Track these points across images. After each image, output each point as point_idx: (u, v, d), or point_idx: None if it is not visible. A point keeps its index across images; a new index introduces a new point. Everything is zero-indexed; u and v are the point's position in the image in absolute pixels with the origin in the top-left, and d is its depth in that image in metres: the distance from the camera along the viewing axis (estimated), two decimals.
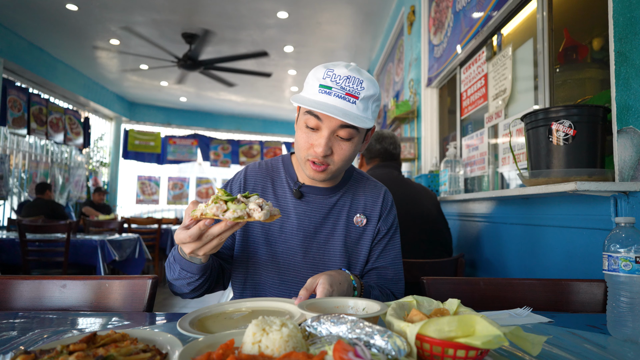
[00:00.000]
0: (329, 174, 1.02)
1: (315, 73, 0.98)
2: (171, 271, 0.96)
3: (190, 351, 0.52)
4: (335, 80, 0.94)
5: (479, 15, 2.55)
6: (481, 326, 0.52)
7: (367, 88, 0.95)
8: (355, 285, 0.96)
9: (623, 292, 0.75)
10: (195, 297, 1.04)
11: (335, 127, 0.96)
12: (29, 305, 1.03)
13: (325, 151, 0.96)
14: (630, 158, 1.23)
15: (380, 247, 1.14)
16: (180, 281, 0.96)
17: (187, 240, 0.79)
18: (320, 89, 0.95)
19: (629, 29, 1.24)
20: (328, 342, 0.52)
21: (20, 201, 6.16)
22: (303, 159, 1.01)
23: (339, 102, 0.93)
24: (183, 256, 0.91)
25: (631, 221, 0.77)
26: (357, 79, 0.94)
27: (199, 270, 0.92)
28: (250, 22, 5.31)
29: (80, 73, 7.41)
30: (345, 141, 0.99)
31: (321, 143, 0.96)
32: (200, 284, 0.97)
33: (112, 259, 3.62)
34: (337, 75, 0.95)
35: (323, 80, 0.95)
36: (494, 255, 2.14)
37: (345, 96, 0.93)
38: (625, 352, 0.68)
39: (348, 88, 0.94)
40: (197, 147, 9.55)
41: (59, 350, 0.52)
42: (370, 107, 0.97)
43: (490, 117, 2.40)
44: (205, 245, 0.81)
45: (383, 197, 1.17)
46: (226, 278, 1.11)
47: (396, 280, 1.14)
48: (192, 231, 0.79)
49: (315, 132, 0.98)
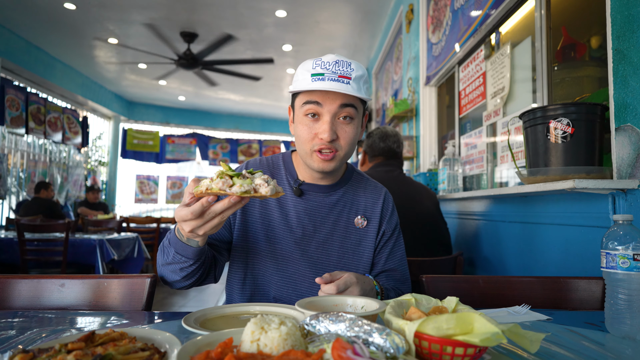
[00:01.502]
0: (337, 162, 1.02)
1: (304, 66, 1.00)
2: (165, 255, 0.94)
3: (189, 350, 0.52)
4: (325, 66, 0.97)
5: (477, 13, 2.55)
6: (479, 324, 0.52)
7: (356, 69, 0.98)
8: (378, 290, 1.00)
9: (621, 290, 0.76)
10: (185, 287, 1.01)
11: (336, 109, 0.98)
12: (27, 304, 1.03)
13: (331, 135, 0.97)
14: (628, 156, 1.23)
15: (387, 249, 1.16)
16: (172, 266, 0.93)
17: (188, 217, 0.77)
18: (313, 78, 0.96)
19: (626, 26, 1.24)
20: (327, 340, 0.52)
21: (18, 200, 6.15)
22: (309, 151, 1.01)
23: (335, 85, 0.95)
24: (180, 238, 0.89)
25: (629, 219, 0.77)
26: (346, 62, 0.98)
27: (195, 254, 0.90)
28: (248, 20, 5.30)
29: (78, 72, 7.39)
30: (347, 124, 1.00)
31: (325, 128, 0.97)
32: (193, 270, 0.95)
33: (111, 258, 3.62)
34: (326, 62, 0.97)
35: (314, 69, 0.97)
36: (492, 253, 2.14)
37: (338, 78, 0.95)
38: (623, 349, 0.68)
39: (340, 71, 0.96)
40: (195, 146, 9.54)
41: (57, 349, 0.52)
42: (362, 87, 0.99)
43: (488, 115, 2.40)
44: (207, 224, 0.79)
45: (384, 199, 1.18)
46: (218, 270, 1.08)
47: (403, 281, 1.16)
48: (194, 207, 0.76)
49: (317, 121, 0.99)
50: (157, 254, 0.99)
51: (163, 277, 1.00)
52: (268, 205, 1.10)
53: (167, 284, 1.02)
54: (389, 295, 1.04)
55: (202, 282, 1.03)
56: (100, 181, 8.66)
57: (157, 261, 0.99)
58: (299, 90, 0.98)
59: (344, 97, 0.98)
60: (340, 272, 0.92)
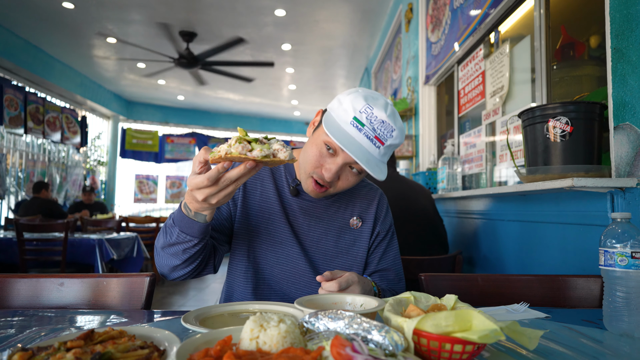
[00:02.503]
0: (326, 195, 1.03)
1: (354, 102, 0.95)
2: (167, 236, 0.91)
3: (188, 347, 0.52)
4: (370, 119, 0.93)
5: (476, 12, 2.55)
6: (478, 321, 0.52)
7: (395, 137, 0.95)
8: (375, 292, 1.01)
9: (619, 287, 0.76)
10: (183, 276, 0.97)
11: (351, 162, 0.97)
12: (26, 303, 1.03)
13: (333, 178, 0.97)
14: (626, 154, 1.23)
15: (380, 250, 1.17)
16: (175, 247, 0.91)
17: (204, 183, 0.75)
18: (352, 122, 0.93)
19: (625, 25, 1.24)
20: (326, 337, 0.52)
21: (17, 200, 6.14)
22: (307, 173, 1.01)
23: (366, 142, 0.92)
24: (187, 214, 0.87)
25: (627, 217, 0.77)
26: (391, 126, 0.94)
27: (200, 231, 0.88)
28: (247, 20, 5.29)
29: (77, 71, 7.37)
30: (354, 175, 1.01)
31: (332, 169, 0.96)
32: (196, 252, 0.92)
33: (110, 258, 3.62)
34: (375, 116, 0.93)
35: (359, 115, 0.93)
36: (491, 252, 2.14)
37: (373, 139, 0.93)
38: (621, 346, 0.69)
39: (379, 132, 0.93)
40: (195, 146, 9.53)
41: (56, 347, 0.52)
42: (389, 152, 0.98)
43: (487, 114, 2.41)
44: (221, 192, 0.78)
45: (378, 200, 1.19)
46: (217, 259, 1.05)
47: (397, 280, 1.17)
48: (210, 173, 0.74)
49: (330, 157, 0.98)
50: (156, 239, 0.96)
51: (161, 265, 0.97)
52: (268, 198, 1.11)
53: (163, 275, 0.99)
54: (385, 296, 1.05)
55: (201, 271, 1.01)
56: (100, 181, 8.65)
57: (155, 246, 0.96)
58: (330, 131, 0.91)
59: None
60: (341, 270, 0.92)
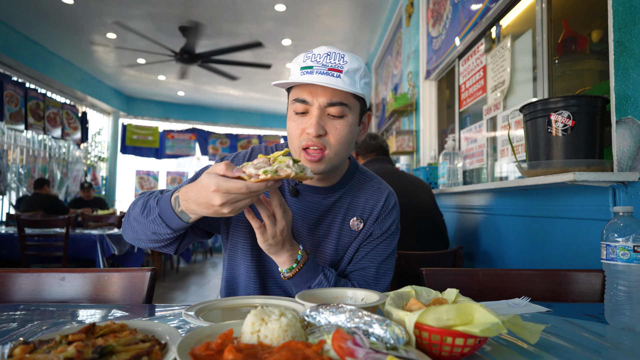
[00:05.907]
0: (326, 164, 0.93)
1: (296, 60, 0.94)
2: (144, 211, 0.88)
3: (190, 341, 0.52)
4: (315, 59, 0.90)
5: (477, 6, 2.53)
6: (479, 314, 0.52)
7: (350, 62, 0.90)
8: (298, 259, 0.92)
9: (621, 281, 0.76)
10: (142, 248, 0.94)
11: (323, 105, 0.91)
12: (28, 298, 1.03)
13: (318, 130, 0.89)
14: (628, 148, 1.22)
15: (367, 248, 1.07)
16: (148, 225, 0.87)
17: (242, 190, 0.71)
18: (302, 71, 0.91)
19: (628, 18, 1.23)
20: (327, 331, 0.52)
21: (18, 196, 6.15)
22: (297, 149, 0.95)
23: (323, 78, 0.88)
24: (173, 207, 0.83)
25: (629, 210, 0.77)
26: (338, 54, 0.90)
27: (178, 227, 0.85)
28: (247, 15, 5.26)
29: (77, 67, 7.35)
30: (337, 119, 0.92)
31: (312, 122, 0.90)
32: (165, 239, 0.89)
33: (111, 253, 3.63)
34: (317, 54, 0.91)
35: (303, 63, 0.91)
36: (492, 247, 2.14)
37: (328, 71, 0.88)
38: (622, 340, 0.69)
39: (330, 63, 0.89)
40: (195, 142, 9.53)
41: (58, 340, 0.52)
42: (358, 82, 0.92)
43: (488, 109, 2.40)
44: (241, 202, 0.75)
45: (385, 199, 1.08)
46: (182, 244, 0.98)
47: (375, 281, 1.07)
48: (258, 185, 0.71)
49: (305, 116, 0.93)
50: (132, 203, 0.92)
51: (126, 228, 0.94)
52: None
53: (128, 239, 0.95)
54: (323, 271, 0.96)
55: (160, 250, 0.96)
56: (100, 177, 8.66)
57: (128, 210, 0.92)
58: (283, 83, 0.90)
59: (334, 92, 0.90)
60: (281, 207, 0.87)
